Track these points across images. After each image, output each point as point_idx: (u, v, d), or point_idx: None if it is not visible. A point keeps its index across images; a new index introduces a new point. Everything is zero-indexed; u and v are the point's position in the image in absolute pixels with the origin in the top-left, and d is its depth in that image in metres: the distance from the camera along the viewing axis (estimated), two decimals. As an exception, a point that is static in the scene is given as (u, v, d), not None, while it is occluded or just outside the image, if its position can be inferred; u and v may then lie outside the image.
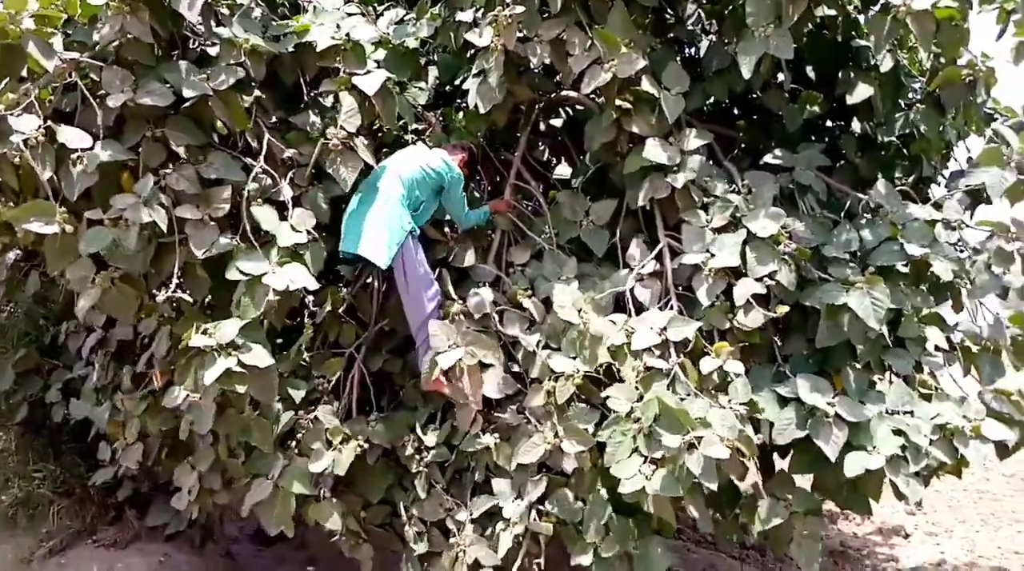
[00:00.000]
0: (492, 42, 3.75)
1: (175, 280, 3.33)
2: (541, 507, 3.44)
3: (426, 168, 3.79)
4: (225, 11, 3.73)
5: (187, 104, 3.44)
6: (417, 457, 3.73)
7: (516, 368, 3.73)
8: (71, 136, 3.16)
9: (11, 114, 3.12)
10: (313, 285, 3.49)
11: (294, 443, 3.66)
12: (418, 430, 3.76)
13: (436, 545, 3.68)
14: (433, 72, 4.68)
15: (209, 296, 3.63)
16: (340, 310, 3.99)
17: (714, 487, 2.91)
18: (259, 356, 3.27)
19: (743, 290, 3.41)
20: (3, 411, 5.68)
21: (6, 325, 5.64)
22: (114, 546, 5.21)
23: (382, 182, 3.72)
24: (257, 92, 3.77)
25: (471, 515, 3.60)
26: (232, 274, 3.38)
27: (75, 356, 5.22)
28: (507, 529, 3.42)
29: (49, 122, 3.17)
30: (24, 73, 3.35)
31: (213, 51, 3.64)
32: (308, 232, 3.60)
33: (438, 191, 3.88)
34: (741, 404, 3.21)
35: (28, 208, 3.07)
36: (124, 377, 4.31)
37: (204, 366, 3.18)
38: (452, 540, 3.58)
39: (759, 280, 3.44)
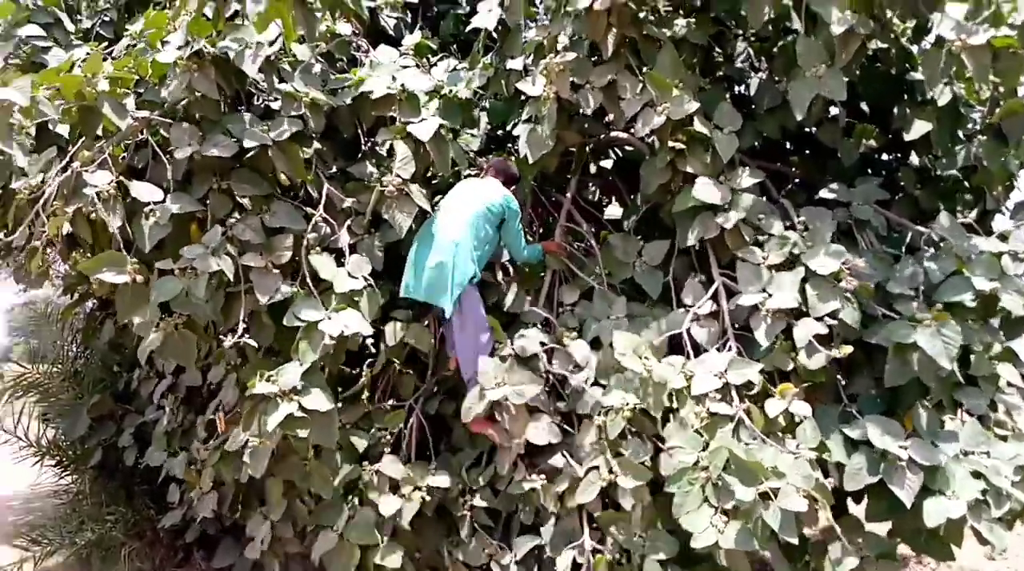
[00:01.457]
0: (544, 91, 3.81)
1: (241, 326, 3.43)
2: (596, 546, 3.38)
3: (489, 204, 3.82)
4: (287, 67, 3.90)
5: (249, 155, 3.59)
6: (461, 500, 3.72)
7: (562, 407, 3.72)
8: (142, 190, 3.34)
9: (87, 170, 3.31)
10: (367, 331, 3.56)
11: (357, 494, 3.69)
12: (463, 473, 3.76)
13: None
14: (485, 118, 4.79)
15: (273, 342, 3.72)
16: (399, 361, 4.01)
17: (794, 540, 2.81)
18: (319, 401, 3.34)
19: (804, 331, 3.32)
20: (78, 455, 5.91)
21: (82, 372, 5.89)
22: (181, 589, 5.32)
23: (446, 223, 3.75)
24: (316, 144, 3.92)
25: (515, 557, 3.58)
26: (290, 321, 3.48)
27: (147, 401, 5.41)
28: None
29: (121, 177, 3.34)
30: (99, 131, 3.56)
31: (276, 105, 3.80)
32: (364, 278, 3.69)
33: (498, 226, 3.91)
34: (811, 448, 3.11)
35: (101, 259, 3.23)
36: (198, 427, 4.43)
37: (267, 412, 3.27)
38: None
39: (820, 319, 3.35)
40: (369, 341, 3.73)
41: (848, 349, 3.28)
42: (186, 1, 3.54)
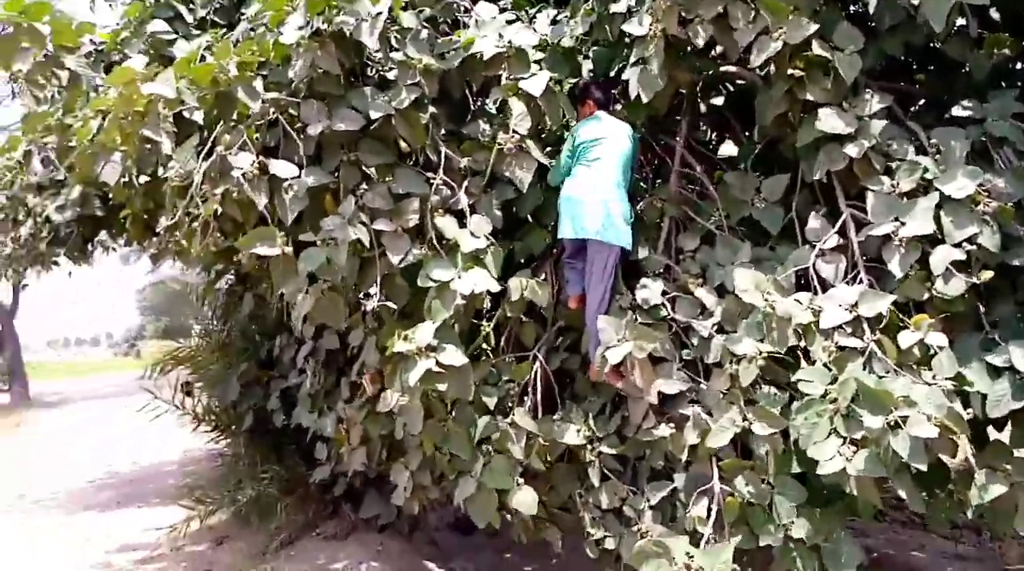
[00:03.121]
0: (651, 29, 3.76)
1: (378, 290, 3.63)
2: (726, 487, 3.44)
3: (631, 138, 3.96)
4: (396, 36, 4.01)
5: (373, 126, 3.74)
6: (589, 447, 3.82)
7: (689, 355, 3.74)
8: (280, 168, 3.55)
9: (230, 153, 3.54)
10: (495, 288, 3.70)
11: (491, 444, 3.86)
12: (590, 420, 3.86)
13: (612, 530, 3.78)
14: (587, 66, 4.78)
15: (406, 305, 3.91)
16: (521, 312, 4.12)
17: (923, 467, 2.79)
18: (454, 356, 3.52)
19: (941, 257, 3.22)
20: (232, 420, 6.41)
21: (228, 343, 6.35)
22: (335, 538, 5.76)
23: (600, 163, 3.85)
24: (432, 108, 4.03)
25: (649, 502, 3.67)
26: (423, 281, 3.66)
27: (289, 366, 5.80)
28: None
29: (260, 157, 3.56)
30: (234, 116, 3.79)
31: (391, 75, 3.93)
32: (486, 237, 3.82)
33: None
34: (947, 379, 3.04)
35: (254, 234, 3.49)
36: (343, 387, 4.74)
37: (407, 369, 3.46)
38: (635, 527, 3.65)
39: (958, 245, 3.23)
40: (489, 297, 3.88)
41: (989, 274, 3.17)
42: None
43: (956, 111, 3.71)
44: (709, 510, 3.43)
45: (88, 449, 12.73)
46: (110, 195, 4.80)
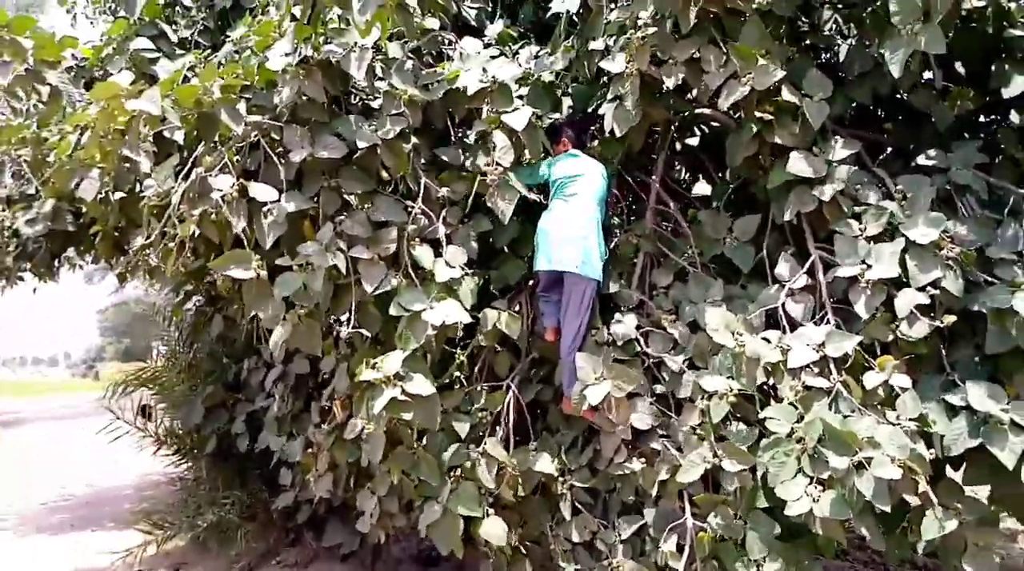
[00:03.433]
0: (627, 67, 3.87)
1: (352, 316, 3.64)
2: (699, 523, 3.47)
3: (605, 176, 4.08)
4: (381, 65, 4.07)
5: (357, 155, 3.77)
6: (561, 479, 3.85)
7: (660, 389, 3.80)
8: (260, 191, 3.56)
9: (210, 175, 3.55)
10: (466, 319, 3.72)
11: (461, 471, 3.85)
12: (562, 454, 3.90)
13: (583, 563, 3.80)
14: (567, 102, 4.88)
15: (379, 333, 3.92)
16: (495, 343, 4.15)
17: (887, 508, 2.85)
18: (421, 385, 3.53)
19: (906, 301, 3.32)
20: (195, 443, 6.30)
21: (195, 365, 6.26)
22: (295, 566, 5.65)
23: (577, 201, 3.94)
24: (413, 138, 4.08)
25: (620, 536, 3.70)
26: (396, 310, 3.67)
27: (257, 390, 5.73)
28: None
29: (240, 180, 3.57)
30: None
31: (374, 103, 3.97)
32: (461, 268, 3.85)
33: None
34: (910, 420, 3.13)
35: (229, 257, 3.48)
36: (313, 412, 4.71)
37: (373, 396, 3.49)
38: (606, 562, 3.68)
39: (922, 289, 3.35)
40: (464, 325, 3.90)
41: (952, 318, 3.28)
42: (290, 7, 3.72)
43: (921, 160, 3.86)
44: (679, 546, 3.47)
45: (42, 470, 12.34)
46: (83, 210, 4.75)
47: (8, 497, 10.07)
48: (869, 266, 3.46)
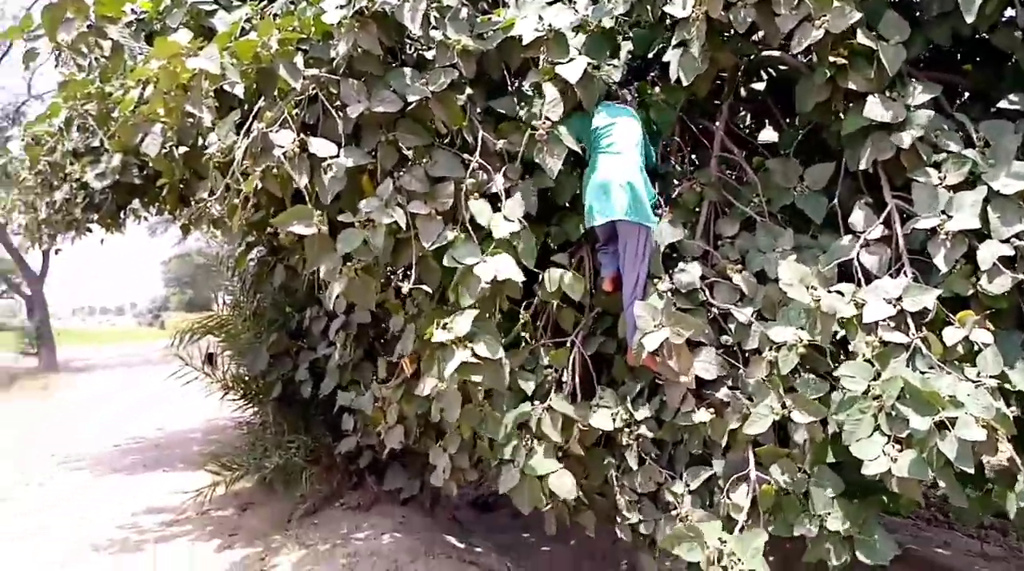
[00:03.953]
0: (693, 11, 3.71)
1: (413, 272, 3.64)
2: (762, 475, 3.43)
3: (637, 120, 3.96)
4: (435, 15, 3.98)
5: (411, 107, 3.72)
6: (627, 430, 3.81)
7: (727, 340, 3.72)
8: (320, 146, 3.55)
9: (271, 130, 3.54)
10: (519, 276, 3.63)
11: (528, 430, 3.85)
12: (628, 404, 3.84)
13: (648, 515, 3.79)
14: (626, 47, 4.71)
15: (443, 289, 3.91)
16: (558, 298, 4.09)
17: (970, 470, 2.77)
18: (490, 347, 3.52)
19: (988, 253, 3.17)
20: (261, 389, 6.48)
21: (262, 314, 6.40)
22: (358, 508, 5.84)
23: (615, 147, 3.81)
24: (468, 90, 4.00)
25: (688, 487, 3.67)
26: (449, 262, 3.64)
27: (319, 338, 5.85)
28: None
29: (301, 135, 3.56)
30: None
31: (429, 54, 3.90)
32: (519, 221, 3.79)
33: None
34: (992, 377, 3.01)
35: (291, 213, 3.50)
36: (379, 366, 4.76)
37: (445, 358, 3.49)
38: (673, 511, 3.65)
39: (1005, 241, 3.19)
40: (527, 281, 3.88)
41: (1040, 271, 3.12)
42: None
43: (1003, 104, 3.64)
44: (749, 498, 3.44)
45: (113, 415, 12.96)
46: (148, 164, 4.83)
47: (84, 439, 10.63)
48: (949, 217, 3.30)
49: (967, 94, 4.20)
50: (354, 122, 3.70)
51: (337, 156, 3.58)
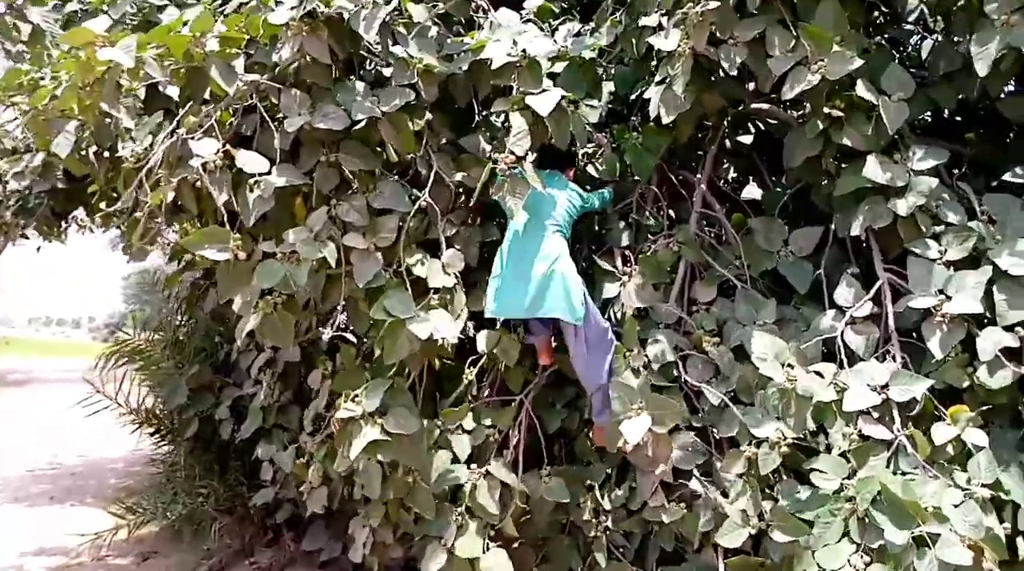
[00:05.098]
0: (680, 45, 3.37)
1: (337, 315, 3.20)
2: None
3: (571, 200, 3.52)
4: (401, 30, 3.59)
5: (358, 127, 3.31)
6: (595, 522, 3.38)
7: (697, 423, 3.33)
8: (248, 160, 3.09)
9: (192, 137, 3.09)
10: (454, 337, 3.27)
11: (462, 501, 3.40)
12: (596, 492, 3.41)
13: None
14: (607, 88, 4.39)
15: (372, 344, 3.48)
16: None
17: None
18: (404, 422, 3.14)
19: (990, 342, 2.82)
20: (175, 426, 5.89)
21: (184, 341, 5.85)
22: (270, 569, 5.22)
23: (532, 232, 3.40)
24: (428, 115, 3.60)
25: None
26: (377, 313, 3.18)
27: (245, 374, 5.30)
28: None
29: (227, 146, 3.11)
30: (207, 95, 3.36)
31: (388, 72, 3.49)
32: (455, 276, 3.41)
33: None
34: (984, 486, 2.63)
35: (204, 234, 3.02)
36: (305, 416, 4.26)
37: (353, 435, 3.09)
38: None
39: (1009, 328, 2.84)
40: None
41: (1049, 367, 2.76)
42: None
43: (1007, 177, 3.34)
44: None
45: (37, 434, 12.11)
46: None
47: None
48: (948, 297, 2.95)
49: (966, 166, 3.90)
50: (292, 137, 3.25)
51: (268, 174, 3.12)
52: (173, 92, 3.48)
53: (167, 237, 4.51)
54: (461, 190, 3.70)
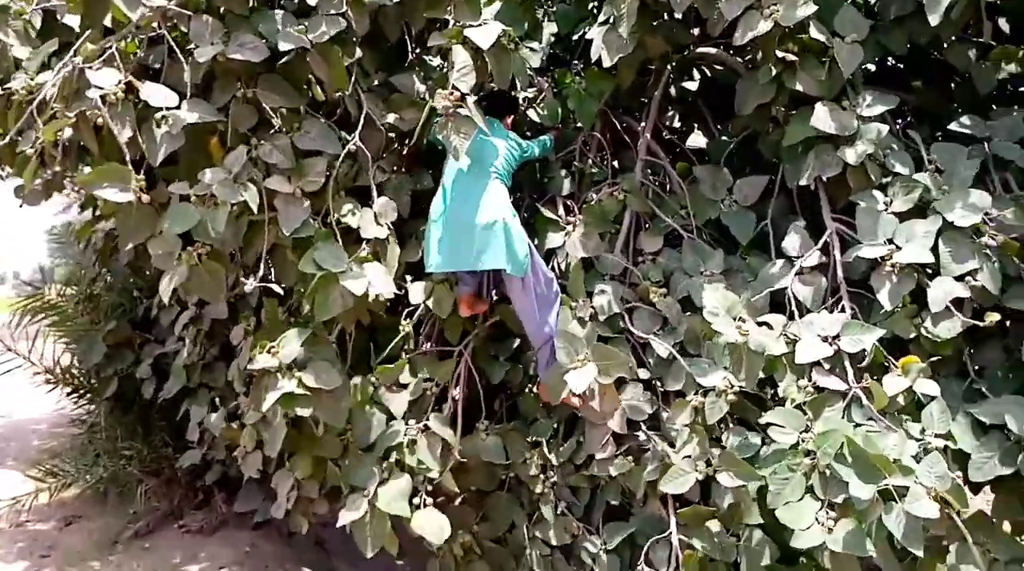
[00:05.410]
0: (624, -15, 3.17)
1: (262, 266, 2.95)
2: (685, 539, 2.94)
3: (511, 149, 3.33)
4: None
5: (283, 61, 3.03)
6: (542, 477, 3.27)
7: (645, 375, 3.21)
8: (154, 93, 2.77)
9: (90, 67, 2.77)
10: (390, 293, 3.07)
11: (394, 455, 3.23)
12: (544, 448, 3.28)
13: (560, 569, 3.29)
14: (548, 30, 4.15)
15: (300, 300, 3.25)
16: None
17: (919, 552, 2.31)
18: (325, 376, 2.92)
19: (941, 292, 2.76)
20: (93, 385, 5.55)
21: (99, 296, 5.47)
22: (200, 532, 5.01)
23: (472, 179, 3.20)
24: (358, 52, 3.33)
25: (606, 546, 3.16)
26: (307, 266, 2.95)
27: (167, 330, 5.00)
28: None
29: (131, 77, 2.79)
30: (108, 23, 3.02)
31: (313, 1, 3.19)
32: (388, 226, 3.20)
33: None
34: (938, 435, 2.58)
35: (100, 172, 2.69)
36: (236, 375, 3.98)
37: (267, 388, 2.87)
38: None
39: (959, 279, 2.79)
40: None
41: (996, 316, 2.74)
42: None
43: (953, 127, 3.27)
44: (668, 561, 2.94)
45: (-39, 395, 11.44)
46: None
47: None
48: (898, 247, 2.88)
49: (911, 115, 3.83)
50: (205, 70, 2.94)
51: (177, 108, 2.82)
52: (73, 21, 3.14)
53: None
54: (393, 134, 3.46)
